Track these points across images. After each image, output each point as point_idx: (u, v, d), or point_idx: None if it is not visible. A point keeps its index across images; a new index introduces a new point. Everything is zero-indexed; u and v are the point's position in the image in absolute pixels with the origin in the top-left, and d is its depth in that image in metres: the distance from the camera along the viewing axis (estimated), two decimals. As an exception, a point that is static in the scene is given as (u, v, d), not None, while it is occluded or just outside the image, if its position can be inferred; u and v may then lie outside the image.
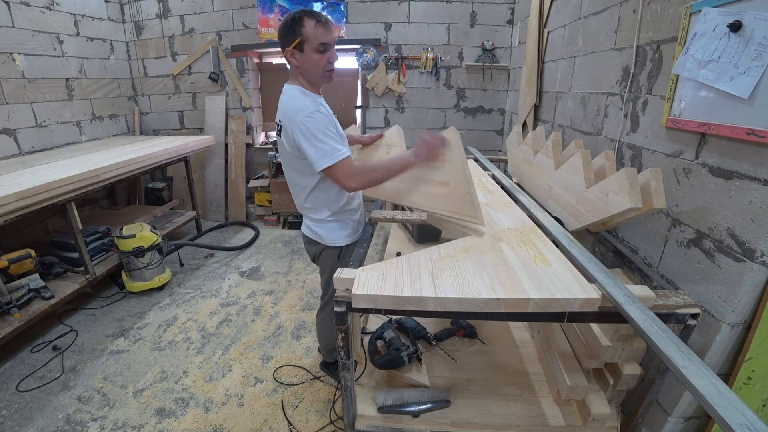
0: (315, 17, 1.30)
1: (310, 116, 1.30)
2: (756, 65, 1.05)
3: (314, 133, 1.30)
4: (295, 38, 1.31)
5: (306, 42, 1.31)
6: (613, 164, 1.48)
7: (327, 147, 1.31)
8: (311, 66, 1.36)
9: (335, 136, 1.35)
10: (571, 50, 2.31)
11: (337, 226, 1.58)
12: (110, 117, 3.95)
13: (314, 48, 1.32)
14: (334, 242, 1.60)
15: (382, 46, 3.81)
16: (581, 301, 0.99)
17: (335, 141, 1.33)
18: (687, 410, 1.35)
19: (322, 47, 1.33)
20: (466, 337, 1.88)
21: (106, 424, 1.76)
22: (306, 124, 1.30)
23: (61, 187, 2.18)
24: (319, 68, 1.36)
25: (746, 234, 1.11)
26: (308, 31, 1.29)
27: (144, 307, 2.67)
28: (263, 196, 4.17)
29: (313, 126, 1.30)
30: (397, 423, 1.47)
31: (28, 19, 3.05)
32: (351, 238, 1.63)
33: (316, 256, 1.70)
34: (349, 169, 1.34)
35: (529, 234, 1.36)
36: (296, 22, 1.30)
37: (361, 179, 1.37)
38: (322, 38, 1.31)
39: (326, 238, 1.60)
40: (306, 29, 1.29)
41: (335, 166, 1.32)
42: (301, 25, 1.29)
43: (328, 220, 1.56)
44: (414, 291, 1.03)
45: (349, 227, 1.61)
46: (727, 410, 0.67)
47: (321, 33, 1.31)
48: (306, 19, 1.29)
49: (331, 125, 1.36)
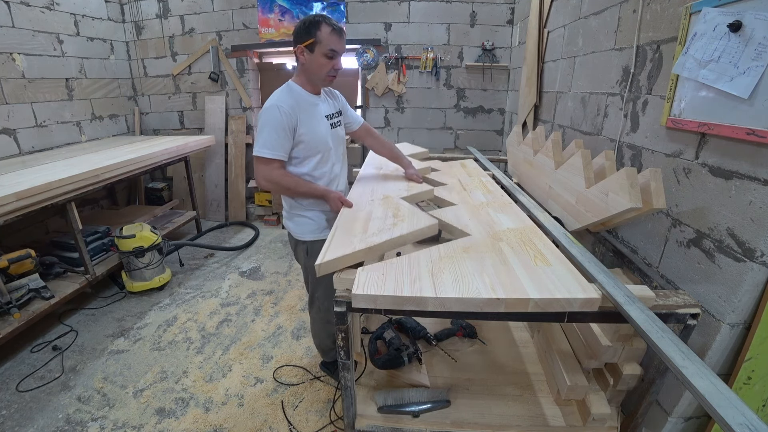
0: (332, 25, 1.41)
1: (268, 108, 1.43)
2: (756, 65, 1.05)
3: (263, 123, 1.44)
4: (310, 38, 1.41)
5: (318, 44, 1.41)
6: (613, 164, 1.48)
7: (260, 139, 1.44)
8: (316, 67, 1.46)
9: (279, 134, 1.43)
10: (571, 50, 2.31)
11: (303, 221, 1.62)
12: (110, 117, 3.95)
13: (324, 52, 1.42)
14: (300, 237, 1.64)
15: (382, 46, 3.81)
16: (581, 301, 0.99)
17: (274, 139, 1.43)
18: (687, 410, 1.35)
19: (331, 53, 1.43)
20: (466, 337, 1.88)
21: (106, 424, 1.76)
22: (263, 114, 1.44)
23: (61, 187, 2.18)
24: (323, 71, 1.47)
25: (746, 234, 1.11)
26: (323, 36, 1.40)
27: (144, 307, 2.67)
28: (263, 196, 4.17)
29: (266, 116, 1.43)
30: (397, 423, 1.47)
31: (28, 19, 3.05)
32: (317, 234, 1.63)
33: (294, 250, 1.75)
34: (265, 170, 1.47)
35: (529, 234, 1.36)
36: (314, 24, 1.40)
37: (269, 183, 1.50)
38: (333, 45, 1.42)
39: (294, 231, 1.65)
40: (321, 33, 1.40)
41: (257, 159, 1.47)
42: (318, 29, 1.39)
43: (293, 213, 1.63)
44: (414, 291, 1.02)
45: (314, 224, 1.62)
46: (727, 410, 0.67)
47: (334, 40, 1.42)
48: (324, 24, 1.40)
49: (282, 124, 1.43)
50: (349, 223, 1.40)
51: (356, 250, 1.18)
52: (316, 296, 1.75)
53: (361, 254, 1.19)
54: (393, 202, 1.54)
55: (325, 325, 1.79)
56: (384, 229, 1.30)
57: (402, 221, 1.36)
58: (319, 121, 1.53)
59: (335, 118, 1.64)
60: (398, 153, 1.94)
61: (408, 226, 1.32)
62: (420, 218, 1.38)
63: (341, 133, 1.71)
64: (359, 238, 1.25)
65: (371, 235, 1.26)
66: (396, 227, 1.31)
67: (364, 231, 1.31)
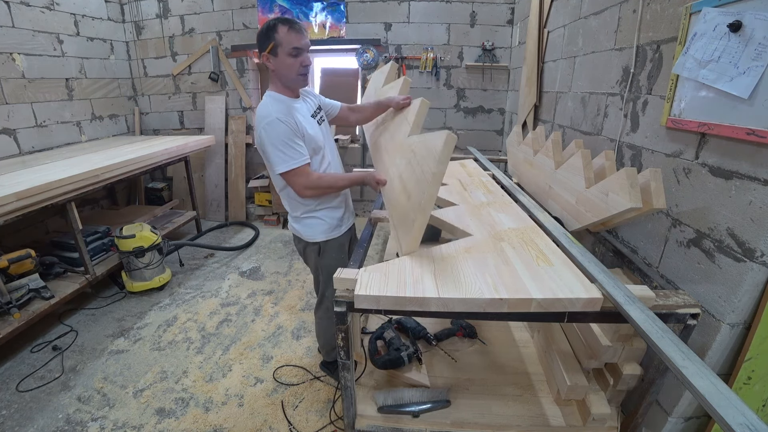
0: (288, 23, 1.39)
1: (270, 124, 1.40)
2: (756, 65, 1.05)
3: (273, 141, 1.41)
4: (269, 42, 1.40)
5: (279, 46, 1.40)
6: (613, 164, 1.48)
7: (278, 155, 1.42)
8: (286, 69, 1.45)
9: (293, 144, 1.42)
10: (571, 50, 2.31)
11: (313, 223, 1.63)
12: (110, 117, 3.95)
13: (287, 52, 1.41)
14: (311, 238, 1.64)
15: (382, 46, 3.81)
16: (584, 301, 0.99)
17: (291, 150, 1.42)
18: (687, 410, 1.35)
19: (295, 51, 1.41)
20: (466, 337, 1.88)
21: (106, 424, 1.76)
22: (267, 131, 1.41)
23: (61, 187, 2.18)
24: (293, 71, 1.45)
25: (746, 234, 1.11)
26: (281, 37, 1.39)
27: (144, 307, 2.67)
28: (263, 196, 4.17)
29: (272, 133, 1.40)
30: (397, 423, 1.47)
31: (28, 19, 3.05)
32: (329, 234, 1.64)
33: (302, 253, 1.75)
34: (301, 180, 1.46)
35: (531, 234, 1.36)
36: (271, 28, 1.39)
37: (312, 191, 1.50)
38: (294, 43, 1.40)
39: (304, 234, 1.65)
40: (279, 35, 1.38)
41: (287, 175, 1.45)
42: (275, 31, 1.38)
43: (302, 217, 1.62)
44: (417, 292, 1.03)
45: (326, 224, 1.63)
46: (727, 410, 0.67)
47: (294, 38, 1.40)
48: (279, 25, 1.39)
49: (291, 133, 1.42)
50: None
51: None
52: (326, 296, 1.76)
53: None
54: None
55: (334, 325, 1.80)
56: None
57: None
58: (309, 121, 1.54)
59: (318, 114, 1.65)
60: (382, 101, 1.83)
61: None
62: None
63: (327, 126, 1.72)
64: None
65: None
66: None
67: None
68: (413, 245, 1.22)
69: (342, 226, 1.69)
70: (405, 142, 1.46)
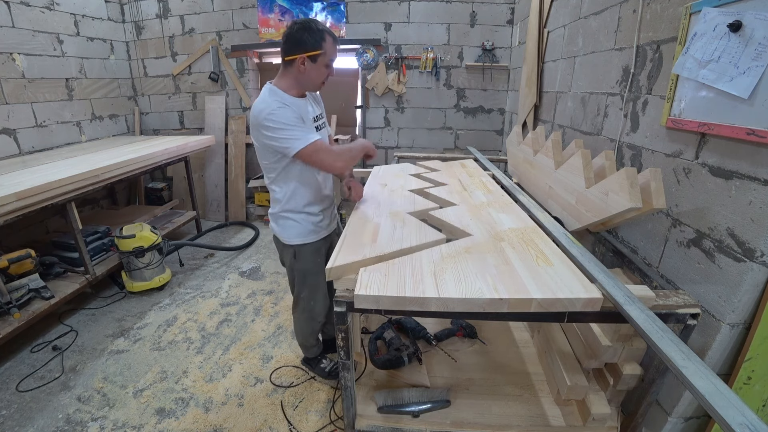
0: (332, 35, 1.43)
1: (273, 112, 1.37)
2: (756, 65, 1.06)
3: (284, 124, 1.37)
4: (317, 50, 1.40)
5: (322, 56, 1.41)
6: (613, 164, 1.48)
7: (291, 134, 1.38)
8: (316, 77, 1.46)
9: (302, 123, 1.43)
10: (571, 50, 2.31)
11: (288, 224, 1.61)
12: (110, 117, 3.95)
13: (325, 63, 1.44)
14: (287, 240, 1.63)
15: (382, 46, 3.81)
16: (584, 301, 0.99)
17: (302, 128, 1.41)
18: (687, 410, 1.35)
19: (330, 62, 1.46)
20: (466, 337, 1.88)
21: (106, 424, 1.76)
22: (273, 118, 1.37)
23: (61, 187, 2.17)
24: (320, 80, 1.48)
25: (746, 234, 1.11)
26: (327, 47, 1.41)
27: (144, 307, 2.67)
28: (263, 196, 4.17)
29: (281, 117, 1.37)
30: (397, 423, 1.48)
31: (28, 19, 3.05)
32: (305, 238, 1.62)
33: (279, 252, 1.75)
34: (322, 153, 1.43)
35: (531, 234, 1.36)
36: (321, 36, 1.39)
37: (340, 160, 1.47)
38: (333, 55, 1.45)
39: (278, 233, 1.65)
40: (326, 44, 1.41)
41: (307, 151, 1.39)
42: (324, 40, 1.40)
43: (279, 215, 1.61)
44: (417, 292, 1.03)
45: (300, 226, 1.61)
46: (727, 410, 0.67)
47: (334, 51, 1.45)
48: (327, 35, 1.41)
49: (298, 115, 1.42)
50: (358, 232, 1.40)
51: (366, 258, 1.19)
52: (301, 297, 1.76)
53: (370, 262, 1.20)
54: (400, 216, 1.54)
55: (310, 323, 1.83)
56: (394, 240, 1.31)
57: (410, 234, 1.36)
58: (309, 121, 1.53)
59: (320, 120, 1.64)
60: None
61: (416, 239, 1.32)
62: (427, 232, 1.39)
63: (325, 134, 1.69)
64: (369, 248, 1.26)
65: (381, 245, 1.27)
66: (404, 240, 1.32)
67: (373, 241, 1.31)
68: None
69: (320, 232, 1.66)
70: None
